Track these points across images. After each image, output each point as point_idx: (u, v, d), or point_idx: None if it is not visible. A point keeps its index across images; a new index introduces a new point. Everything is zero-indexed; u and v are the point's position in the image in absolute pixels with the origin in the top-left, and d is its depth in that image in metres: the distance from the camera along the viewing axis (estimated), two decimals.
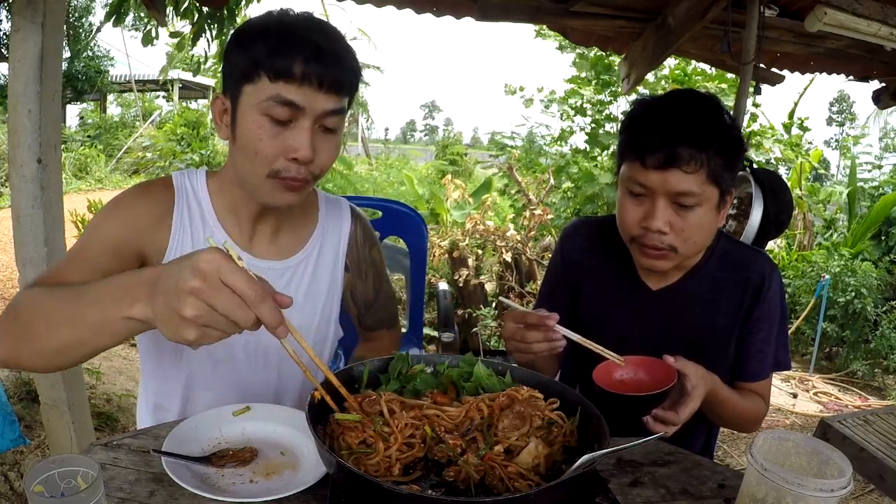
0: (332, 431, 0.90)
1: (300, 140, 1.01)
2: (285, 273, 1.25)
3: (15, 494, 2.31)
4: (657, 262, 1.25)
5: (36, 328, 0.87)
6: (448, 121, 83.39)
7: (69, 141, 12.78)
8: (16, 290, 4.58)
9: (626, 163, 1.23)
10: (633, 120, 1.24)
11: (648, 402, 1.09)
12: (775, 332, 1.35)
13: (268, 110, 1.00)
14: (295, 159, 1.03)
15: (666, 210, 1.18)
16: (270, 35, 1.01)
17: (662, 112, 1.18)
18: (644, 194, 1.20)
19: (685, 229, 1.19)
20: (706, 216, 1.20)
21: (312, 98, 1.01)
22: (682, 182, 1.15)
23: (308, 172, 1.06)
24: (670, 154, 1.14)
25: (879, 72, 3.74)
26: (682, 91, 1.26)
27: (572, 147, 6.41)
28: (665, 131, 1.14)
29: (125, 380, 3.47)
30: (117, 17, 3.24)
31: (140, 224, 1.13)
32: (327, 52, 1.01)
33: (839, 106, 36.58)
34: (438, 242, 5.12)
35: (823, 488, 0.78)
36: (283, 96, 0.99)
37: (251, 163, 1.05)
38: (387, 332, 1.48)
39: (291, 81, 0.99)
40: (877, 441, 2.24)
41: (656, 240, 1.20)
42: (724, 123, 1.18)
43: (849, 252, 5.66)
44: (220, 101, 1.09)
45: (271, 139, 1.02)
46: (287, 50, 0.99)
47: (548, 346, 1.13)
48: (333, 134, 1.08)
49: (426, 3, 3.00)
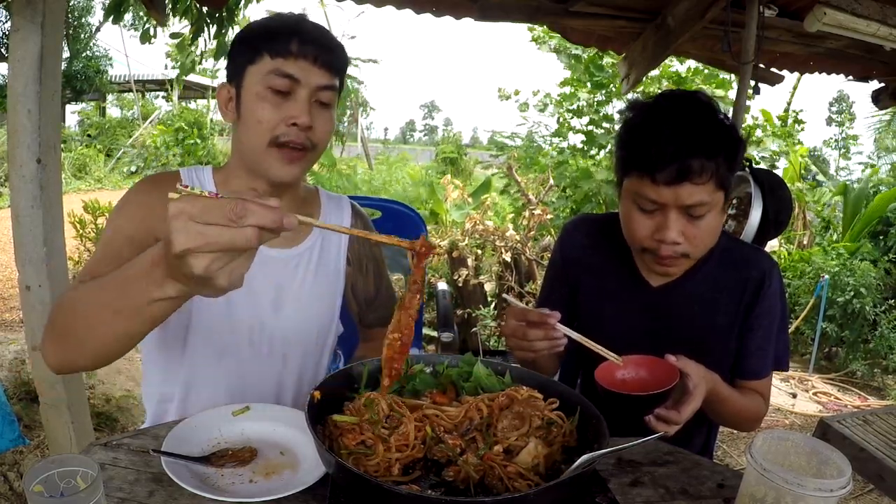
0: (331, 433, 0.90)
1: (299, 108, 1.14)
2: (291, 261, 1.29)
3: (14, 494, 2.31)
4: (671, 269, 1.27)
5: (75, 329, 0.89)
6: (447, 121, 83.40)
7: (68, 141, 12.77)
8: (15, 289, 4.58)
9: (633, 177, 1.21)
10: (633, 132, 1.22)
11: (650, 402, 1.09)
12: (775, 329, 1.35)
13: (269, 82, 1.13)
14: (294, 125, 1.14)
15: (678, 221, 1.18)
16: (270, 27, 1.16)
17: (665, 124, 1.16)
18: (654, 209, 1.20)
19: (697, 236, 1.20)
20: (714, 219, 1.21)
21: (307, 71, 1.14)
22: (694, 194, 1.15)
23: (307, 139, 1.16)
24: (682, 169, 1.13)
25: (879, 72, 3.74)
26: (676, 96, 1.24)
27: (570, 146, 6.41)
28: (673, 147, 1.13)
29: (124, 380, 3.47)
30: (116, 16, 3.23)
31: (153, 215, 1.15)
32: (319, 36, 1.17)
33: (838, 106, 36.59)
34: (438, 242, 5.13)
35: (823, 488, 0.78)
36: (282, 69, 1.13)
37: (255, 132, 1.15)
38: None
39: (289, 57, 1.13)
40: (876, 441, 2.24)
41: (671, 250, 1.20)
42: (726, 128, 1.18)
43: (846, 250, 5.67)
44: (225, 90, 1.20)
45: (273, 108, 1.14)
46: (285, 33, 1.14)
47: (549, 345, 1.13)
48: (328, 109, 1.20)
49: (426, 3, 3.00)
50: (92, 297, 0.87)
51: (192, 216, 0.64)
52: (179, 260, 0.66)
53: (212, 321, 1.21)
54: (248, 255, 0.69)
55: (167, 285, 0.73)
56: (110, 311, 0.82)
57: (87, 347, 0.88)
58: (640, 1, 3.08)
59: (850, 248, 5.78)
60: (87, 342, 0.87)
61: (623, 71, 3.60)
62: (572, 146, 6.37)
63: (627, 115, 1.26)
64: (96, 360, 0.92)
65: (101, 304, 0.84)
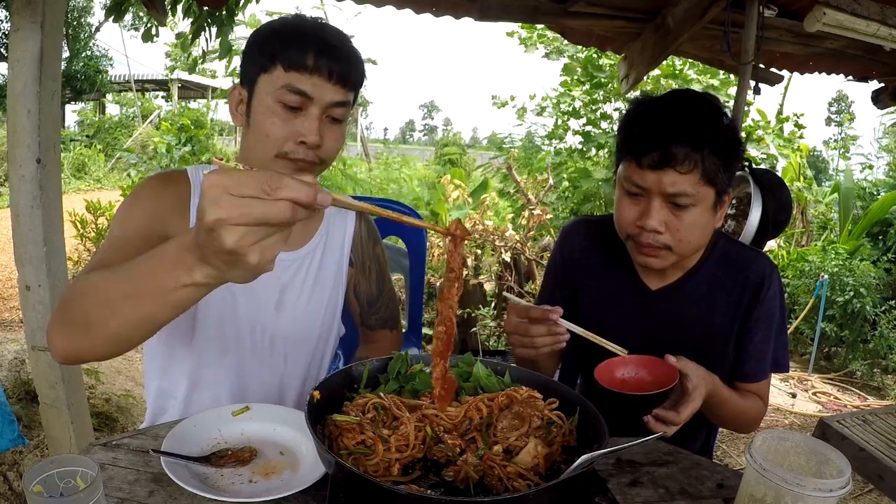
0: (331, 433, 0.90)
1: (309, 126, 1.11)
2: (293, 263, 1.29)
3: (14, 494, 2.31)
4: (651, 260, 1.25)
5: (95, 314, 0.85)
6: (447, 121, 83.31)
7: (68, 141, 12.77)
8: (15, 289, 4.58)
9: (623, 162, 1.24)
10: (629, 120, 1.24)
11: (650, 402, 1.09)
12: (774, 332, 1.35)
13: (281, 97, 1.10)
14: (303, 143, 1.11)
15: (661, 210, 1.19)
16: (286, 32, 1.12)
17: (658, 112, 1.19)
18: (640, 194, 1.21)
19: (680, 229, 1.20)
20: (702, 216, 1.21)
21: (321, 88, 1.10)
22: (677, 182, 1.16)
23: (315, 156, 1.14)
24: (665, 154, 1.14)
25: (878, 72, 3.74)
26: (679, 91, 1.27)
27: (568, 147, 6.40)
28: (659, 131, 1.15)
29: (124, 380, 3.47)
30: (117, 15, 3.23)
31: (164, 211, 1.16)
32: (337, 49, 1.12)
33: (838, 106, 36.61)
34: (437, 242, 5.13)
35: (822, 488, 0.78)
36: (295, 85, 1.09)
37: (262, 144, 1.12)
38: (388, 332, 1.49)
39: (303, 72, 1.09)
40: (876, 441, 2.24)
41: (651, 238, 1.21)
42: (719, 124, 1.18)
43: (845, 250, 5.67)
44: (237, 92, 1.18)
45: (283, 124, 1.11)
46: (301, 44, 1.09)
47: (551, 340, 1.13)
48: (339, 124, 1.17)
49: (425, 3, 3.00)
50: (114, 282, 0.84)
51: (226, 187, 0.63)
52: (211, 233, 0.64)
53: (216, 318, 1.22)
54: (282, 234, 0.67)
55: (196, 269, 0.71)
56: (135, 295, 0.79)
57: (107, 331, 0.84)
58: (639, 1, 3.08)
59: (850, 248, 5.78)
60: (108, 326, 0.83)
61: (623, 71, 3.60)
62: (570, 147, 6.37)
63: (630, 106, 1.28)
64: (115, 346, 0.88)
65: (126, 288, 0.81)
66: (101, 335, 0.85)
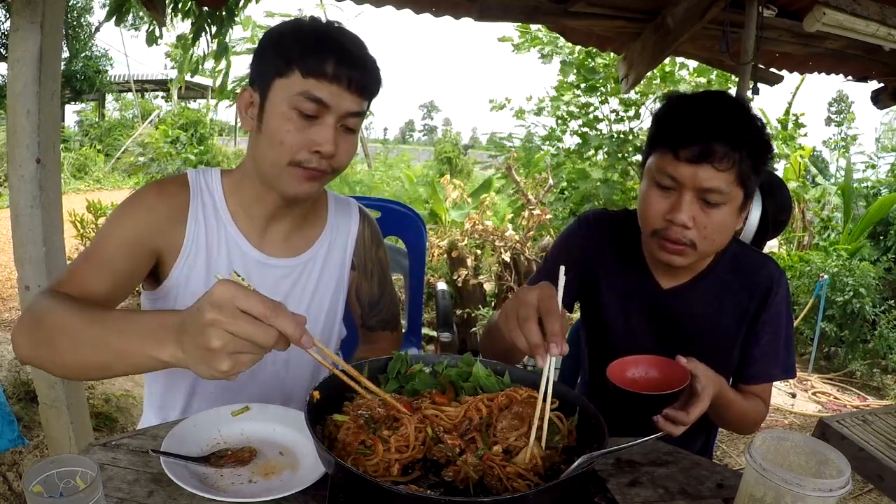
0: (331, 433, 0.90)
1: (324, 135, 1.08)
2: (294, 270, 1.28)
3: (14, 495, 2.31)
4: (675, 258, 1.24)
5: (59, 342, 0.91)
6: (447, 121, 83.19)
7: (68, 141, 12.76)
8: (15, 289, 4.58)
9: (657, 154, 1.22)
10: (668, 111, 1.23)
11: (662, 402, 1.09)
12: (782, 337, 1.35)
13: (297, 104, 1.06)
14: (317, 152, 1.09)
15: (692, 205, 1.18)
16: (305, 36, 1.08)
17: (700, 107, 1.18)
18: (672, 187, 1.20)
19: (708, 226, 1.19)
20: (729, 217, 1.20)
21: (339, 97, 1.07)
22: (713, 178, 1.15)
23: (328, 165, 1.12)
24: (705, 149, 1.13)
25: (878, 72, 3.75)
26: (714, 92, 1.26)
27: (565, 148, 6.40)
28: (701, 125, 1.14)
29: (124, 380, 3.46)
30: (118, 17, 3.23)
31: (157, 222, 1.15)
32: (357, 57, 1.09)
33: (838, 106, 36.59)
34: (437, 242, 5.13)
35: (822, 488, 0.78)
36: (313, 93, 1.06)
37: (275, 151, 1.09)
38: (388, 333, 1.49)
39: (322, 79, 1.06)
40: (875, 441, 2.24)
41: (679, 234, 1.20)
42: (757, 126, 1.19)
43: (846, 251, 5.67)
44: (247, 94, 1.14)
45: (297, 132, 1.08)
46: (321, 50, 1.06)
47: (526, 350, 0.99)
48: (353, 134, 1.15)
49: (425, 3, 3.00)
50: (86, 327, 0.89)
51: (234, 297, 0.70)
52: (203, 329, 0.71)
53: None
54: (255, 356, 0.74)
55: (168, 348, 0.77)
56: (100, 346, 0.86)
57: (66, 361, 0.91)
58: (639, 1, 3.08)
59: (851, 249, 5.78)
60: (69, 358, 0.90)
61: (622, 71, 3.60)
62: (567, 148, 6.37)
63: (663, 102, 1.28)
64: (67, 375, 0.96)
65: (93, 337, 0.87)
66: (61, 364, 0.92)
